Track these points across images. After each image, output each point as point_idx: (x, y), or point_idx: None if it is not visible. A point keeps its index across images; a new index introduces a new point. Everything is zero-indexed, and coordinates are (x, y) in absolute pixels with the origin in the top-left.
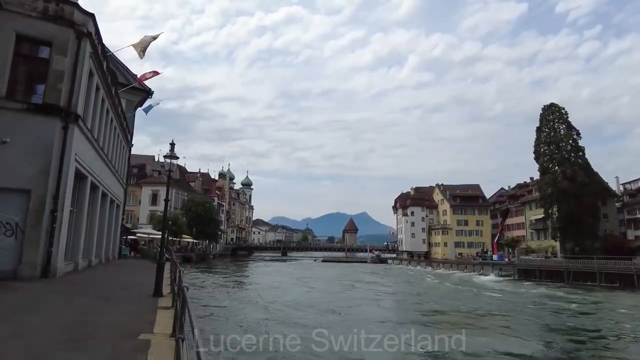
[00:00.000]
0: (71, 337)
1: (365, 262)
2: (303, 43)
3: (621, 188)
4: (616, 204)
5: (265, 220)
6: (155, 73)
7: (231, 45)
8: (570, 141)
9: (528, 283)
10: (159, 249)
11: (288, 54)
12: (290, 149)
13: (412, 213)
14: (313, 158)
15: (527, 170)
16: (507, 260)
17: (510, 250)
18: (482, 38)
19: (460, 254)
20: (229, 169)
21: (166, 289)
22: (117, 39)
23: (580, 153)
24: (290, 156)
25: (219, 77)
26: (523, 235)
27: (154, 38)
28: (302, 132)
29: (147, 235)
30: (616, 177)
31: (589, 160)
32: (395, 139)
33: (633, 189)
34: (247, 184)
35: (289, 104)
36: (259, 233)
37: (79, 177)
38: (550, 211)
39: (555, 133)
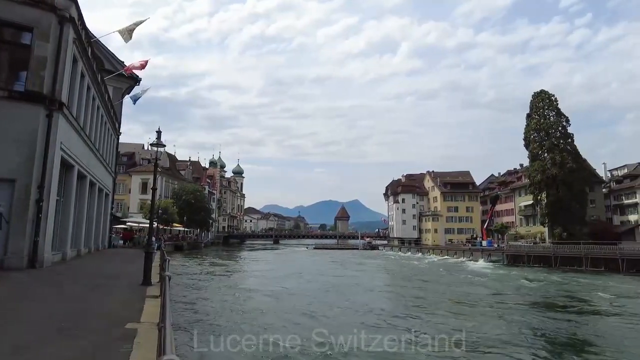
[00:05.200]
0: (58, 326)
1: (357, 248)
2: (296, 30)
3: (608, 174)
4: (603, 190)
5: (258, 208)
6: (145, 62)
7: (224, 32)
8: (560, 128)
9: (517, 268)
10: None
11: (282, 40)
12: (285, 136)
13: (403, 200)
14: (307, 145)
15: (518, 156)
16: (496, 246)
17: (499, 236)
18: (475, 25)
19: (450, 240)
20: (219, 157)
21: (155, 277)
22: (109, 26)
23: (569, 140)
24: (285, 144)
25: (211, 65)
26: (512, 222)
27: (140, 22)
28: (296, 120)
29: (137, 224)
30: (604, 163)
31: (580, 147)
32: (389, 126)
33: (620, 175)
34: (238, 172)
35: (283, 91)
36: (250, 221)
37: (66, 166)
38: (539, 197)
39: (545, 120)
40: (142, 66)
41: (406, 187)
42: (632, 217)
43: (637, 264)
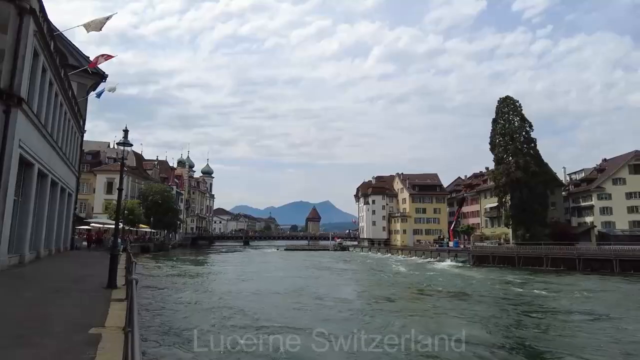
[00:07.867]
0: (17, 333)
1: (328, 249)
2: (269, 30)
3: (567, 178)
4: (563, 193)
5: (228, 209)
6: (109, 57)
7: (195, 30)
8: (524, 133)
9: (482, 268)
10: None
11: (254, 40)
12: (257, 136)
13: (373, 201)
14: (280, 146)
15: (484, 159)
16: (462, 247)
17: (465, 237)
18: (444, 32)
19: (418, 240)
20: (188, 157)
21: (121, 280)
22: (74, 19)
23: (533, 144)
24: (257, 144)
25: (182, 63)
26: (478, 223)
27: (107, 18)
28: (268, 120)
29: (101, 225)
30: (563, 167)
31: (542, 151)
32: (360, 128)
33: (578, 179)
34: (207, 172)
35: (255, 91)
36: (220, 222)
37: (25, 164)
38: (503, 200)
39: (510, 125)
40: (106, 59)
41: (376, 188)
42: (588, 219)
43: (592, 263)
